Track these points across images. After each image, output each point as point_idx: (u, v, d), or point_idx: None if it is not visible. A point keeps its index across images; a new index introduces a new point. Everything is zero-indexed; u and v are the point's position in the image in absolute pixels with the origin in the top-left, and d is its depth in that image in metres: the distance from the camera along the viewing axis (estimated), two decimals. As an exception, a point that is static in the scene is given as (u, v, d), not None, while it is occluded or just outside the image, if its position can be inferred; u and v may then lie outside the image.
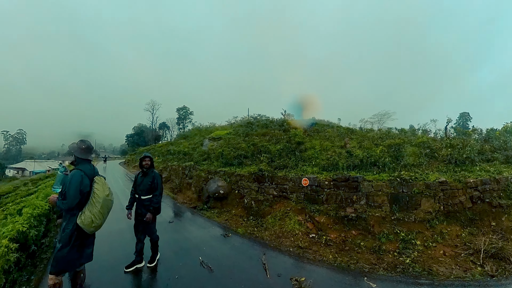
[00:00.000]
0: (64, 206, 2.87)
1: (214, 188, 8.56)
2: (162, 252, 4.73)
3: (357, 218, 6.00)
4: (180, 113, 56.45)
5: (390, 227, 5.68)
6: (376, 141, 9.07)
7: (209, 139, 14.21)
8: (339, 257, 4.93)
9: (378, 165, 7.08)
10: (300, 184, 7.07)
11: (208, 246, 5.32)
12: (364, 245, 5.38)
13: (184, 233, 6.18)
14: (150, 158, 4.53)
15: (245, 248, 5.25)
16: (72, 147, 3.18)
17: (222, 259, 4.71)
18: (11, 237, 4.04)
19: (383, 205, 6.07)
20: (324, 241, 5.59)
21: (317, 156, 8.60)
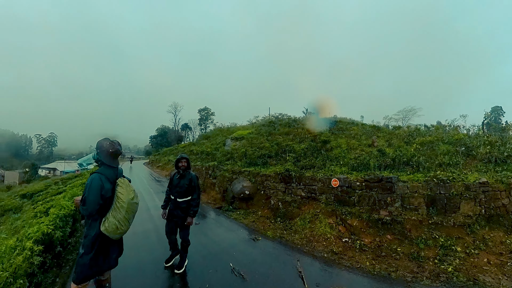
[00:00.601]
0: (85, 212, 2.74)
1: (239, 189, 8.61)
2: (190, 256, 4.68)
3: (392, 222, 5.83)
4: (202, 114, 59.32)
5: (428, 231, 5.49)
6: (406, 139, 8.79)
7: (231, 139, 14.31)
8: (377, 264, 4.82)
9: (411, 165, 6.85)
10: (329, 184, 6.97)
11: (238, 250, 5.27)
12: (401, 251, 5.25)
13: (212, 236, 6.17)
14: (187, 159, 4.46)
15: (277, 254, 5.18)
16: (100, 146, 2.96)
17: (254, 265, 4.61)
18: (36, 238, 4.05)
19: (419, 207, 5.88)
20: (359, 246, 5.49)
21: (344, 155, 8.43)
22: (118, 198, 2.84)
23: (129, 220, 2.88)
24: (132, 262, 4.58)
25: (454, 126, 9.99)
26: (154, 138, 65.16)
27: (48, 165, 64.77)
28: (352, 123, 13.19)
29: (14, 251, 3.74)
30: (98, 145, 2.97)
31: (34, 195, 14.91)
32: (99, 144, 2.97)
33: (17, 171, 51.75)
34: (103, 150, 2.94)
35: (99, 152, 2.94)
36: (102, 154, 2.95)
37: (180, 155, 4.53)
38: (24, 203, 13.81)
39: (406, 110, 18.11)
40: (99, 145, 2.96)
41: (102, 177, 2.82)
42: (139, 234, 6.08)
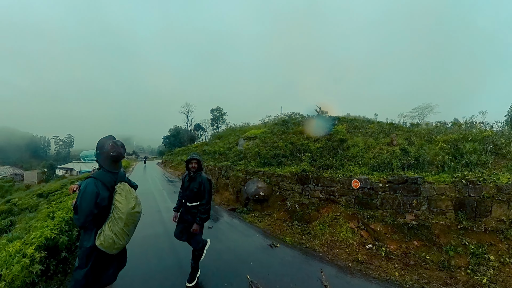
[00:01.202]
0: (77, 222, 2.41)
1: (253, 190, 8.45)
2: (203, 266, 4.42)
3: (418, 226, 5.59)
4: (214, 114, 60.29)
5: (457, 237, 5.23)
6: (426, 137, 8.47)
7: (244, 138, 14.20)
8: (407, 274, 4.61)
9: (436, 164, 6.58)
10: (349, 186, 6.74)
11: (255, 260, 5.00)
12: (430, 259, 5.03)
13: (226, 242, 5.94)
14: (198, 161, 4.15)
15: (298, 263, 4.96)
16: (100, 146, 2.61)
17: (274, 277, 4.33)
18: (39, 244, 3.89)
19: (447, 211, 5.64)
20: (384, 253, 5.29)
21: (362, 155, 8.15)
22: (116, 207, 2.48)
23: (128, 233, 2.55)
24: (139, 272, 4.33)
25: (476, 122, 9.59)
26: (167, 138, 67.74)
27: (65, 165, 67.02)
28: (368, 121, 12.87)
29: (14, 258, 3.59)
30: (99, 145, 2.60)
31: (49, 194, 15.18)
32: (100, 144, 2.60)
33: (36, 171, 53.22)
34: (103, 152, 2.58)
35: (99, 153, 2.59)
36: (102, 157, 2.59)
37: (190, 155, 4.24)
38: (40, 202, 14.07)
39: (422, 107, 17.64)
40: (100, 145, 2.60)
41: (98, 183, 2.48)
42: (149, 237, 5.89)
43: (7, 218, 11.31)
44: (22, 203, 14.01)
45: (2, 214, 12.57)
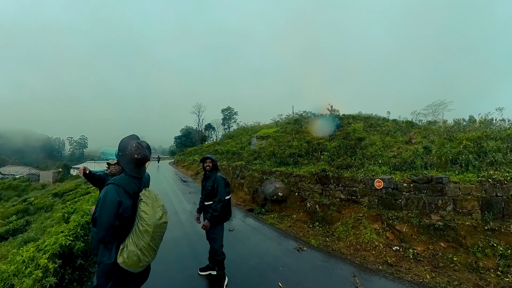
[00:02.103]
0: (96, 236, 2.11)
1: (271, 190, 8.59)
2: (231, 273, 4.44)
3: (444, 227, 5.70)
4: (225, 114, 61.93)
5: (484, 238, 5.33)
6: (445, 135, 8.54)
7: (257, 137, 14.41)
8: (437, 277, 4.72)
9: (459, 163, 6.66)
10: (372, 186, 6.85)
11: (283, 265, 4.99)
12: (458, 261, 5.14)
13: (250, 246, 5.94)
14: (212, 160, 4.24)
15: (328, 267, 5.02)
16: (123, 147, 2.30)
17: (306, 284, 4.31)
18: (53, 252, 3.75)
19: (473, 211, 5.74)
20: (412, 255, 5.42)
21: (381, 154, 8.23)
22: (141, 218, 2.16)
23: (155, 247, 2.24)
24: (160, 283, 4.18)
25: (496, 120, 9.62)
26: (179, 138, 70.53)
27: (79, 165, 72.22)
28: (383, 120, 12.94)
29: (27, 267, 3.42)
30: (121, 145, 2.31)
31: (64, 194, 15.63)
32: (123, 145, 2.30)
33: (51, 171, 56.33)
34: (126, 153, 2.27)
35: (121, 155, 2.30)
36: (124, 159, 2.29)
37: (206, 155, 4.36)
38: (55, 202, 14.52)
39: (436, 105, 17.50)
40: (122, 146, 2.30)
41: (120, 190, 2.17)
42: (168, 243, 5.65)
43: (23, 218, 11.65)
44: (38, 203, 14.42)
45: (18, 213, 12.96)
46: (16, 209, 13.24)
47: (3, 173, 58.62)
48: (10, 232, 10.02)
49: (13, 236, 9.99)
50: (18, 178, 42.71)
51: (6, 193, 26.78)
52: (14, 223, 10.77)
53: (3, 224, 11.22)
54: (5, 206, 17.11)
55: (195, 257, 5.20)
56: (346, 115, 13.65)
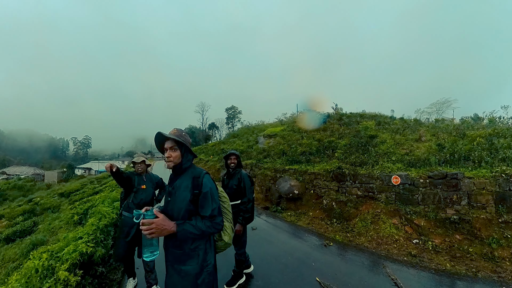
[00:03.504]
0: (219, 228, 2.12)
1: (286, 188, 9.07)
2: (266, 271, 4.70)
3: (460, 221, 6.28)
4: (229, 113, 63.99)
5: (499, 230, 5.93)
6: (455, 133, 9.20)
7: (264, 136, 14.91)
8: (457, 265, 5.29)
9: (472, 160, 7.28)
10: (389, 182, 7.38)
11: (316, 260, 5.31)
12: (474, 252, 5.71)
13: (278, 243, 6.24)
14: (237, 156, 4.21)
15: (358, 260, 5.45)
16: (186, 139, 2.27)
17: (342, 277, 4.61)
18: (73, 261, 3.51)
19: (488, 205, 6.35)
20: (431, 247, 5.98)
21: (393, 151, 8.81)
22: (223, 197, 2.39)
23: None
24: None
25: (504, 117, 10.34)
26: None
27: (84, 165, 74.91)
28: (390, 118, 13.65)
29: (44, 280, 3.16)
30: (186, 139, 2.27)
31: (71, 194, 15.83)
32: (185, 138, 2.28)
33: (56, 171, 58.79)
34: (188, 142, 2.29)
35: (187, 145, 2.23)
36: (188, 147, 2.26)
37: (229, 151, 4.31)
38: (62, 202, 14.71)
39: (440, 103, 18.40)
40: (186, 139, 2.28)
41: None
42: None
43: (30, 219, 11.81)
44: (44, 203, 14.55)
45: (25, 214, 13.08)
46: (22, 210, 13.30)
47: (8, 173, 60.00)
48: (17, 233, 10.20)
49: (20, 238, 10.19)
50: (23, 178, 43.37)
51: (11, 193, 27.14)
52: (21, 224, 10.90)
53: (9, 225, 11.37)
54: (11, 206, 17.22)
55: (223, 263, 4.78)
56: (354, 114, 14.29)
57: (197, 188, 2.12)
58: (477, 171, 6.78)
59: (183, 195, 2.12)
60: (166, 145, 2.18)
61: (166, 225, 1.96)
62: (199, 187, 2.13)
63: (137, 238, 3.77)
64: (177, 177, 2.23)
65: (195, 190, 2.12)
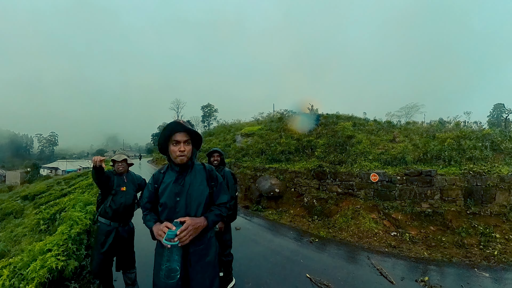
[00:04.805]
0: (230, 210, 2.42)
1: (267, 187, 9.30)
2: (256, 271, 4.75)
3: (433, 214, 6.92)
4: (205, 111, 62.83)
5: (467, 221, 6.63)
6: (425, 134, 10.12)
7: (241, 135, 15.13)
8: (433, 253, 5.82)
9: (443, 159, 8.06)
10: (368, 179, 7.91)
11: (304, 257, 5.47)
12: (446, 240, 6.31)
13: (264, 242, 6.33)
14: (220, 153, 4.23)
15: (344, 254, 5.74)
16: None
17: (330, 271, 4.81)
18: (40, 279, 3.08)
19: (457, 199, 7.05)
20: (408, 238, 6.48)
21: (369, 151, 9.44)
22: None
23: None
24: None
25: (468, 122, 11.54)
26: (156, 135, 70.37)
27: (50, 165, 69.69)
28: (364, 120, 14.57)
29: None
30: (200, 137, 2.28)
31: (36, 197, 14.73)
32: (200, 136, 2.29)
33: (19, 171, 54.59)
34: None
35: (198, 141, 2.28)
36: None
37: (212, 148, 4.34)
38: (25, 206, 13.63)
39: (409, 107, 20.25)
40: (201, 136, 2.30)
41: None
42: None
43: (-12, 226, 10.86)
44: (5, 207, 13.40)
45: None
46: (-21, 216, 12.20)
47: (-39, 175, 54.64)
48: (-27, 244, 9.34)
49: (-24, 248, 9.36)
50: (-20, 179, 39.46)
51: (-35, 197, 23.99)
52: (-22, 232, 10.03)
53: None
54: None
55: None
56: (330, 115, 14.98)
57: (213, 180, 2.24)
58: (448, 169, 7.52)
59: (199, 190, 2.15)
60: (180, 138, 2.09)
61: (199, 222, 2.00)
62: (214, 179, 2.25)
63: (115, 248, 3.51)
64: (185, 173, 2.18)
65: (212, 182, 2.23)
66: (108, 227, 3.52)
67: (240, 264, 4.96)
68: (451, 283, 4.60)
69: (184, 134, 2.11)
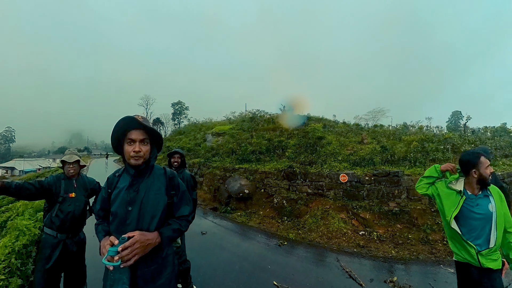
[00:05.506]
0: (189, 224, 2.02)
1: (236, 188, 9.07)
2: (221, 280, 4.47)
3: (400, 212, 7.05)
4: (176, 108, 60.65)
5: (432, 218, 6.82)
6: (392, 137, 10.48)
7: (212, 134, 14.82)
8: (400, 251, 5.88)
9: (409, 160, 8.32)
10: (337, 180, 7.92)
11: (271, 262, 5.24)
12: (413, 238, 6.45)
13: (230, 248, 6.02)
14: (181, 155, 4.07)
15: (313, 257, 5.62)
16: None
17: (299, 276, 4.65)
18: None
19: (423, 198, 7.19)
20: (376, 237, 6.54)
21: (339, 152, 9.58)
22: None
23: None
24: None
25: (430, 126, 12.17)
26: None
27: (5, 164, 64.44)
28: (334, 122, 14.89)
29: None
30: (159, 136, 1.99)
31: None
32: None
33: None
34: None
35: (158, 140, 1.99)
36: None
37: (174, 149, 4.25)
38: None
39: (376, 111, 21.35)
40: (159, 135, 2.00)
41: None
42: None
43: None
44: None
45: None
46: None
47: None
48: None
49: None
50: None
51: None
52: None
53: None
54: None
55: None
56: (303, 115, 15.09)
57: (173, 189, 1.94)
58: (413, 169, 7.77)
59: (156, 199, 1.83)
60: (135, 136, 1.77)
61: (150, 238, 1.67)
62: (175, 187, 1.95)
63: (62, 263, 3.06)
64: (141, 178, 1.86)
65: (172, 191, 1.92)
66: (54, 239, 3.05)
67: (204, 273, 4.67)
68: (419, 282, 4.63)
69: (141, 132, 1.79)
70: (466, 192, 2.33)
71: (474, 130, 12.94)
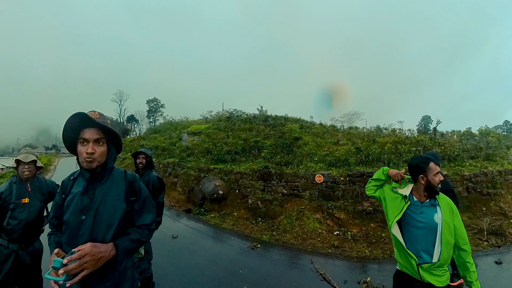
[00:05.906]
0: (152, 234, 1.88)
1: (211, 189, 8.81)
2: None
3: (374, 212, 7.09)
4: (151, 106, 58.97)
5: (404, 216, 7.05)
6: (367, 139, 10.67)
7: (188, 133, 14.53)
8: (374, 250, 5.87)
9: (382, 161, 8.42)
10: (313, 180, 7.88)
11: (243, 266, 5.04)
12: (386, 236, 6.43)
13: (201, 252, 5.72)
14: (147, 155, 3.87)
15: (287, 260, 5.48)
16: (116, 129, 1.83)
17: (272, 281, 4.52)
18: None
19: (395, 198, 7.39)
20: (351, 237, 6.50)
21: (315, 152, 9.61)
22: None
23: None
24: None
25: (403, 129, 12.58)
26: None
27: None
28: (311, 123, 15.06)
29: None
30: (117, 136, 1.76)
31: None
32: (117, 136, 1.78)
33: None
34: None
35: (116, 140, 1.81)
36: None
37: (139, 149, 4.08)
38: None
39: (351, 114, 22.25)
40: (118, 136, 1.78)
41: None
42: None
43: None
44: None
45: None
46: None
47: None
48: None
49: None
50: None
51: None
52: None
53: None
54: None
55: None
56: (278, 116, 15.11)
57: (134, 195, 1.73)
58: (387, 170, 7.89)
59: (113, 206, 1.63)
60: (89, 135, 1.55)
61: (102, 251, 1.46)
62: (136, 193, 1.74)
63: (14, 275, 2.80)
64: (97, 183, 1.65)
65: (132, 197, 1.72)
66: (5, 250, 2.75)
67: (172, 281, 4.40)
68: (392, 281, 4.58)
69: (95, 131, 1.57)
70: (412, 198, 2.19)
71: (443, 134, 13.57)
